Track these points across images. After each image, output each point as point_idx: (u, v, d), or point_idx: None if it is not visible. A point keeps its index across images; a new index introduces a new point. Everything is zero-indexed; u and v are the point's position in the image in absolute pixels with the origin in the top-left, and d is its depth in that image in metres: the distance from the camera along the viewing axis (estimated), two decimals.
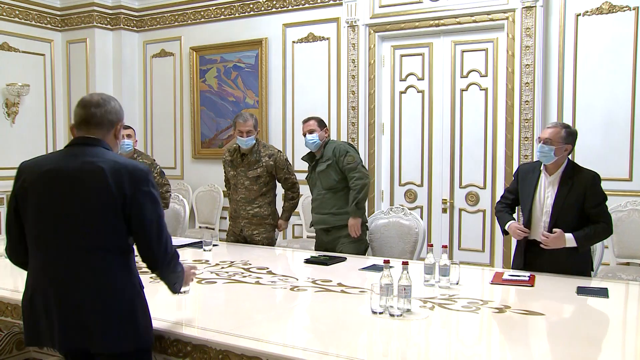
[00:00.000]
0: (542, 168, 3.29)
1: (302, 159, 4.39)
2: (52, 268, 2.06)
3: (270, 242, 4.32)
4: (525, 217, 3.31)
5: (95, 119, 2.11)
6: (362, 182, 3.95)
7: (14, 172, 2.15)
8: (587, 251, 3.31)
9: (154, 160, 5.03)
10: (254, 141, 4.21)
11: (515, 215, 3.54)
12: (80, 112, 2.14)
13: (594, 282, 3.11)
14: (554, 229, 3.15)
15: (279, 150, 4.37)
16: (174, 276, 2.25)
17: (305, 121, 4.23)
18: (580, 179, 3.18)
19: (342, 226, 3.99)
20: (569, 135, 3.19)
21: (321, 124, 4.18)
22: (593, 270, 3.38)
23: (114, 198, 2.02)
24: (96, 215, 2.03)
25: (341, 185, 4.04)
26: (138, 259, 2.15)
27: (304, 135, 4.16)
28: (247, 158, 4.24)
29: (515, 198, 3.46)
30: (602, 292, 2.81)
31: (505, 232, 3.44)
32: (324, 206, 4.10)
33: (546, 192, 3.26)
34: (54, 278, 2.05)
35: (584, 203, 3.16)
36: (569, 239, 3.11)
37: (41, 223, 2.07)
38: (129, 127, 4.91)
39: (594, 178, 3.19)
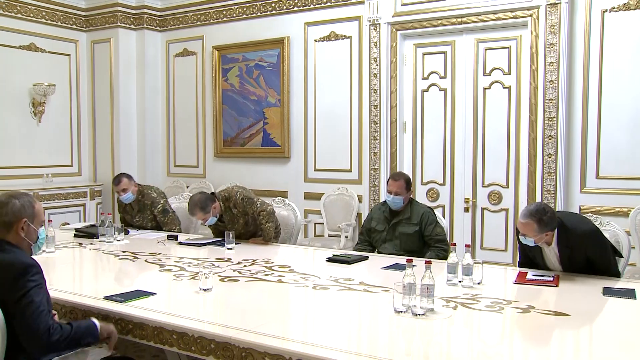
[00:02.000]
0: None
1: (372, 209, 4.21)
2: None
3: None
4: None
5: None
6: (446, 255, 3.80)
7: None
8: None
9: (157, 196, 4.82)
10: (214, 219, 4.21)
11: None
12: None
13: (620, 283, 3.04)
14: None
15: (234, 194, 4.24)
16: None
17: (394, 178, 3.96)
18: (576, 242, 3.09)
19: None
20: (544, 225, 3.02)
21: (409, 186, 3.96)
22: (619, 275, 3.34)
23: None
24: None
25: (419, 249, 3.90)
26: None
27: (389, 192, 3.93)
28: (224, 219, 4.29)
29: (531, 258, 3.38)
30: (629, 293, 2.76)
31: None
32: None
33: (552, 260, 3.23)
34: None
35: (589, 259, 3.12)
36: None
37: None
38: (120, 182, 4.70)
39: (589, 238, 3.09)
